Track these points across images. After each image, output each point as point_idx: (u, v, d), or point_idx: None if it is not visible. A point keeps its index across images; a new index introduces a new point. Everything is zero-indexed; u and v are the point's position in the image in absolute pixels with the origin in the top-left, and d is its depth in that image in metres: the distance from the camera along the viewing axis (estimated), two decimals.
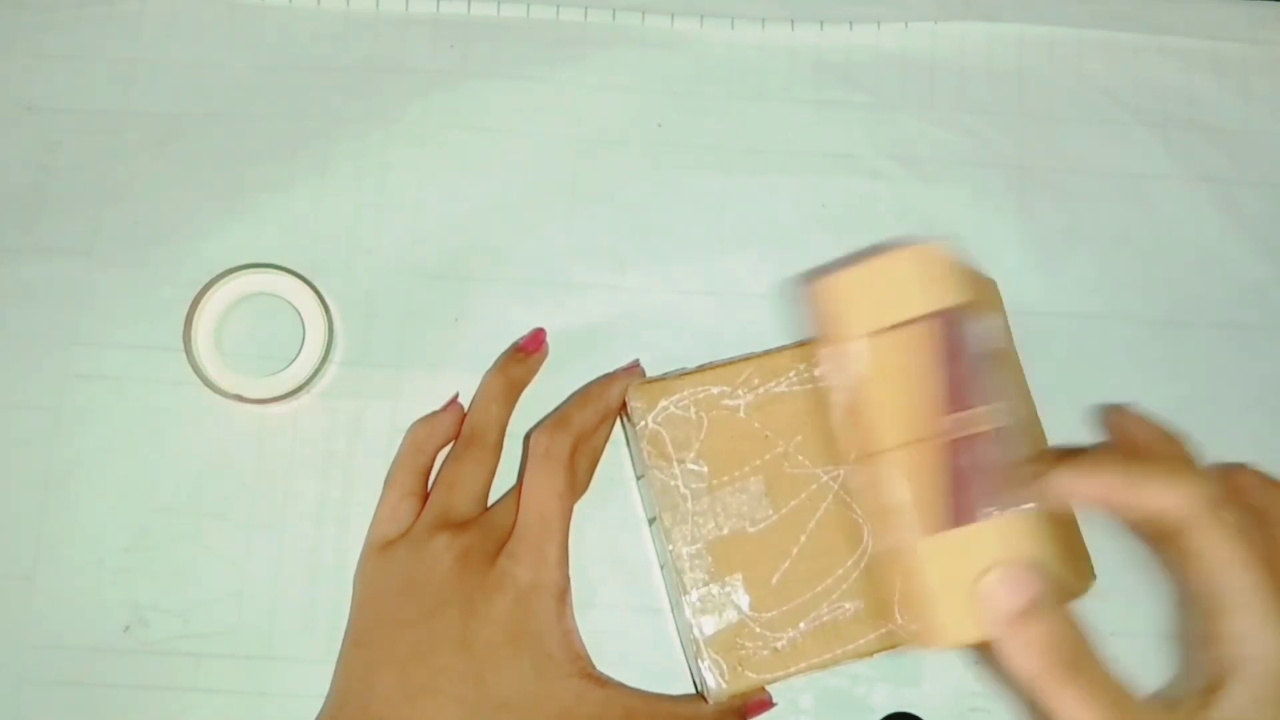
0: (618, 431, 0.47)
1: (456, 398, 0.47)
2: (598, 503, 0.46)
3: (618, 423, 0.47)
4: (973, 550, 0.32)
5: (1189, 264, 0.51)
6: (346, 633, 0.44)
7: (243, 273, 0.47)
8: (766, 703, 0.45)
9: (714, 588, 0.42)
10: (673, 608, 0.46)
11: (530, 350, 0.47)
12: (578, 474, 0.44)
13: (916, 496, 0.33)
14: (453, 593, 0.42)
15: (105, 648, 0.46)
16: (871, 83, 0.52)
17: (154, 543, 0.47)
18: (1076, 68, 0.52)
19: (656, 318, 0.49)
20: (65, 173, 0.49)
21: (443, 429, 0.46)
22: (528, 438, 0.45)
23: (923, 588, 0.33)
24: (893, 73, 0.52)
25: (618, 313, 0.49)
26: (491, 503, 0.45)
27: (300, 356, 0.47)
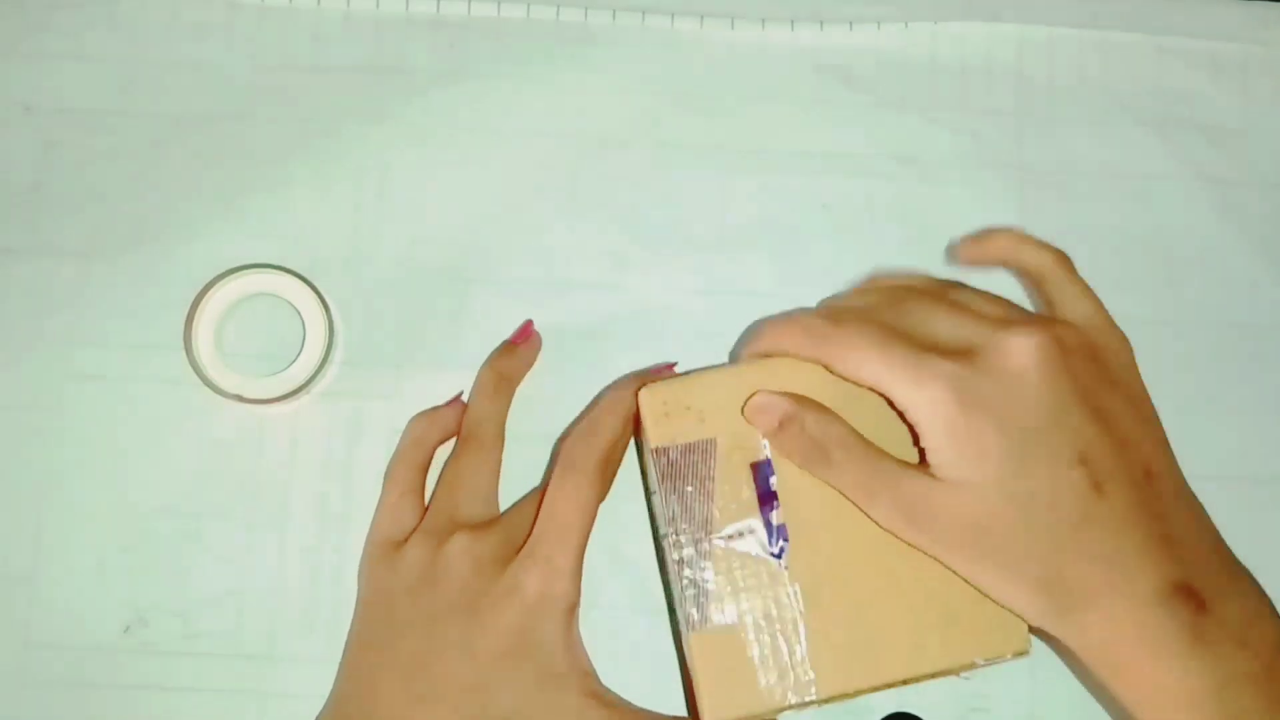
0: None
1: (459, 396, 0.47)
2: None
3: None
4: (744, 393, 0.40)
5: (1189, 264, 0.51)
6: (350, 633, 0.44)
7: (243, 273, 0.47)
8: None
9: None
10: (674, 632, 0.46)
11: (519, 342, 0.47)
12: (604, 484, 0.43)
13: None
14: (461, 597, 0.41)
15: (105, 648, 0.46)
16: (871, 83, 0.52)
17: (154, 543, 0.47)
18: (1077, 68, 0.52)
19: (656, 318, 0.49)
20: (65, 173, 0.49)
21: (442, 423, 0.46)
22: (557, 443, 0.45)
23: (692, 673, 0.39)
24: (893, 73, 0.52)
25: (618, 313, 0.49)
26: (511, 504, 0.45)
27: (300, 356, 0.47)
